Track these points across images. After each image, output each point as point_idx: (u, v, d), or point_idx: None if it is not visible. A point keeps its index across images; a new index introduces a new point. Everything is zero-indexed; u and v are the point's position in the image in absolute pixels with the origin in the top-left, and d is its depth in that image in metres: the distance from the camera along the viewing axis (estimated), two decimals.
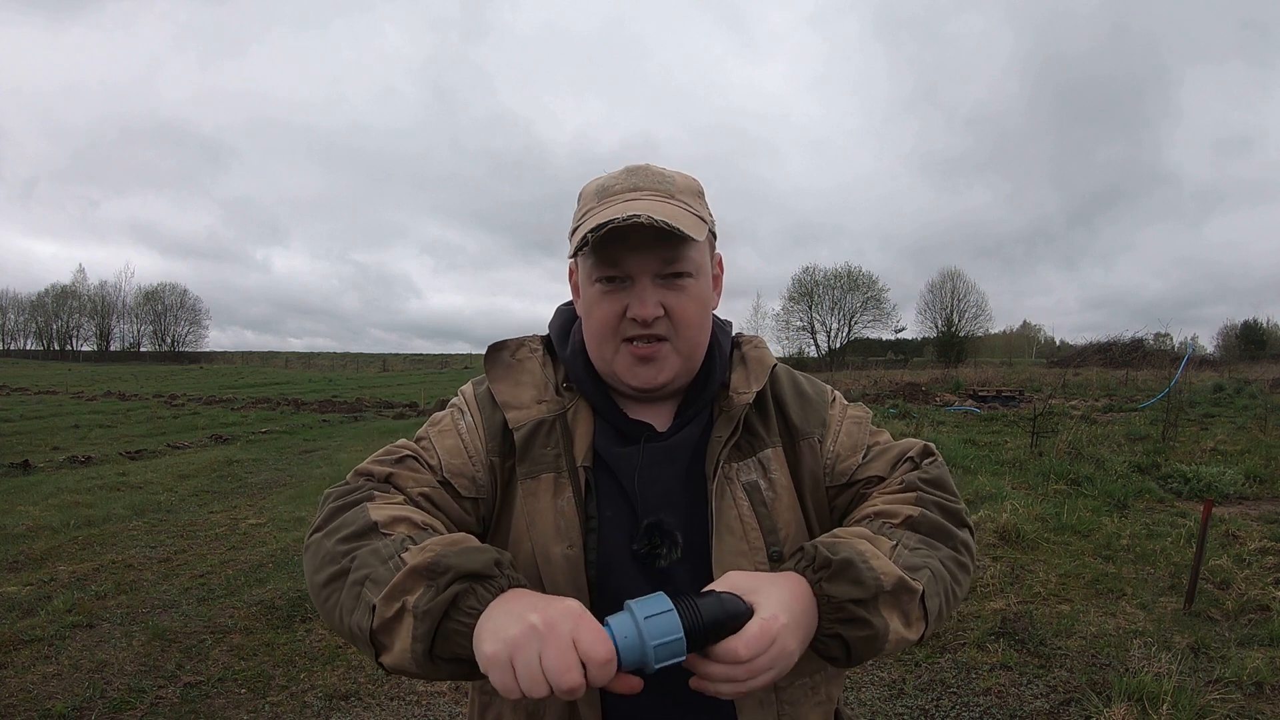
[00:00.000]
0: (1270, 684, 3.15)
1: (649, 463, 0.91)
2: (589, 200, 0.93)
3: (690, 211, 0.90)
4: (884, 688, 3.30)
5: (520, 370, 0.97)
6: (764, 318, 55.57)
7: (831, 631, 0.78)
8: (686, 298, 0.89)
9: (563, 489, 0.89)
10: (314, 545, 0.82)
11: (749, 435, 0.95)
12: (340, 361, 67.22)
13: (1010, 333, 63.98)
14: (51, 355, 73.36)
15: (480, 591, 0.71)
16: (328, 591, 0.77)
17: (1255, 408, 14.41)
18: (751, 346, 1.02)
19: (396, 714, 3.15)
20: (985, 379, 27.59)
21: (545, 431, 0.92)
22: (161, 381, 34.61)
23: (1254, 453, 8.80)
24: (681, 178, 0.94)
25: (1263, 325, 53.64)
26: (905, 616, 0.82)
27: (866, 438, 1.00)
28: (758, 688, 0.74)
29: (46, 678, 3.37)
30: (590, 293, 0.91)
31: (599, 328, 0.90)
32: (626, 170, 0.93)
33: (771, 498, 0.92)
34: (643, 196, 0.89)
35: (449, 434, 0.94)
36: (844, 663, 0.81)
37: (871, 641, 0.79)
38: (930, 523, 0.88)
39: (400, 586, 0.72)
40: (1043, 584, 4.46)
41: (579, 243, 0.85)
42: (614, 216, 0.83)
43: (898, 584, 0.81)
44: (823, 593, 0.79)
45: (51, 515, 6.59)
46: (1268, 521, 5.84)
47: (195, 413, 18.38)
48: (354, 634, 0.74)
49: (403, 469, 0.89)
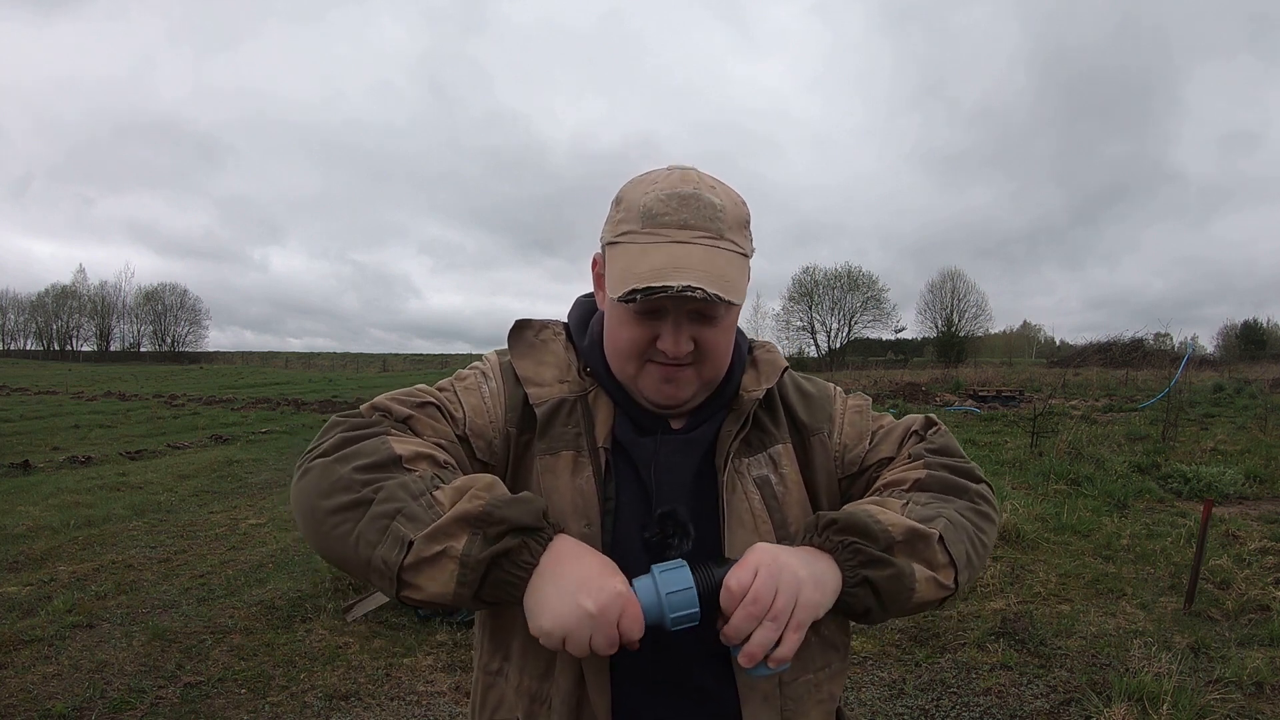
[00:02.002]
0: (1270, 684, 3.15)
1: (666, 453, 0.92)
2: (631, 218, 0.86)
3: (738, 252, 0.87)
4: (884, 688, 3.30)
5: (544, 350, 0.98)
6: (764, 318, 55.58)
7: (856, 578, 0.80)
8: (719, 332, 0.88)
9: (582, 468, 0.89)
10: (320, 468, 0.79)
11: (759, 431, 0.96)
12: (340, 361, 67.24)
13: (1010, 333, 63.98)
14: (51, 355, 73.33)
15: (532, 545, 0.76)
16: (339, 519, 0.76)
17: (1255, 408, 14.41)
18: (764, 350, 1.03)
19: (396, 714, 3.14)
20: (985, 379, 27.60)
21: (567, 410, 0.92)
22: (161, 381, 34.60)
23: (1254, 453, 8.81)
24: (732, 207, 0.88)
25: (1263, 325, 53.68)
26: (928, 563, 0.83)
27: (870, 424, 1.02)
28: (788, 634, 0.76)
29: (46, 678, 3.37)
30: (618, 311, 0.88)
31: (626, 348, 0.89)
32: (678, 197, 0.85)
33: (782, 492, 0.93)
34: (694, 240, 0.84)
35: (474, 393, 0.94)
36: (879, 613, 0.83)
37: (898, 580, 0.81)
38: (940, 480, 0.91)
39: (445, 530, 0.74)
40: (1043, 584, 4.46)
41: (625, 294, 0.82)
42: (665, 279, 0.80)
43: (909, 533, 0.82)
44: (833, 543, 0.81)
45: (51, 515, 6.59)
46: (1268, 521, 5.84)
47: (195, 413, 18.37)
48: (372, 565, 0.75)
49: (424, 414, 0.88)
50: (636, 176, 0.92)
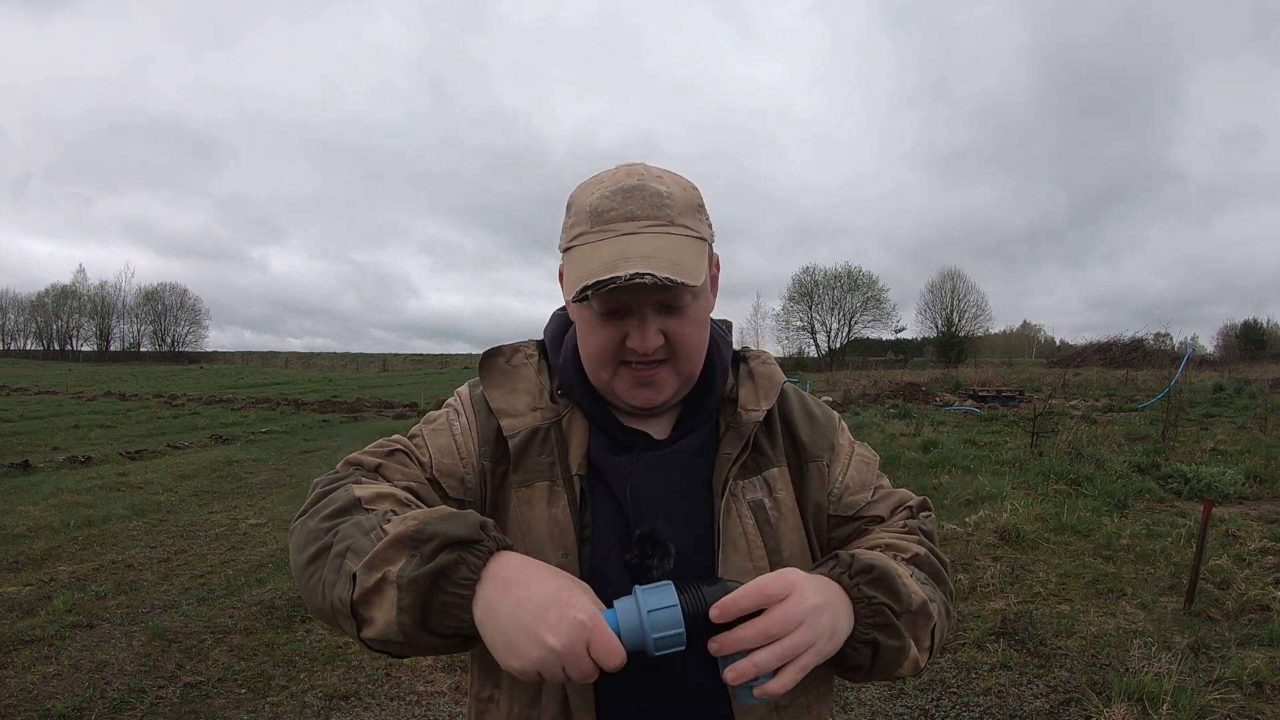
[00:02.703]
0: (1270, 684, 3.15)
1: (642, 471, 0.90)
2: (581, 221, 0.86)
3: (692, 236, 0.85)
4: (884, 688, 3.30)
5: (516, 377, 0.96)
6: (764, 318, 55.70)
7: (867, 637, 0.79)
8: (688, 323, 0.86)
9: (557, 497, 0.88)
10: (298, 528, 0.81)
11: (756, 453, 0.93)
12: (340, 361, 67.22)
13: (1010, 333, 64.04)
14: (51, 355, 73.33)
15: (470, 560, 0.71)
16: (311, 570, 0.76)
17: (1255, 408, 14.42)
18: (760, 362, 1.00)
19: (396, 714, 3.14)
20: (985, 379, 27.61)
21: (540, 439, 0.91)
22: (161, 381, 34.61)
23: (1254, 453, 8.80)
24: (680, 192, 0.88)
25: (1263, 325, 53.69)
26: (918, 642, 0.83)
27: (874, 478, 1.01)
28: (788, 670, 0.72)
29: (46, 678, 3.37)
30: (586, 315, 0.87)
31: (597, 353, 0.88)
32: (622, 190, 0.85)
33: (776, 517, 0.92)
34: (642, 229, 0.83)
35: (443, 433, 0.94)
36: (863, 674, 0.82)
37: (898, 654, 0.80)
38: (931, 565, 0.91)
39: (381, 556, 0.71)
40: (1043, 584, 4.46)
41: (578, 294, 0.81)
42: (615, 271, 0.78)
43: (921, 607, 0.82)
44: (863, 595, 0.79)
45: (51, 515, 6.59)
46: (1268, 521, 5.84)
47: (195, 413, 18.37)
48: (335, 609, 0.73)
49: (393, 462, 0.89)
50: (586, 180, 0.91)
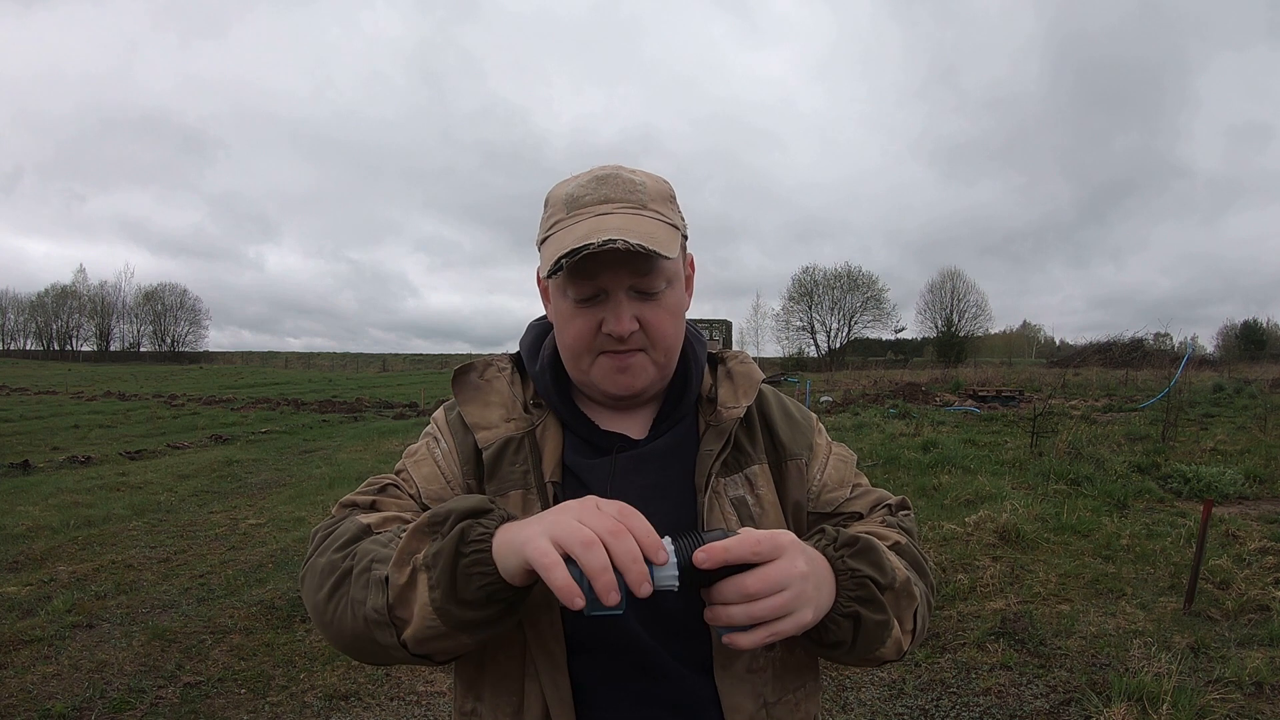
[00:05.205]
0: (1270, 684, 3.15)
1: (621, 473, 0.91)
2: (557, 210, 0.90)
3: (664, 221, 0.88)
4: (884, 688, 3.30)
5: (489, 391, 0.97)
6: (764, 317, 55.76)
7: (848, 610, 0.78)
8: (662, 310, 0.88)
9: (531, 505, 0.89)
10: (309, 569, 0.82)
11: (736, 451, 0.95)
12: (340, 361, 67.28)
13: (1010, 333, 64.10)
14: (51, 355, 73.34)
15: (484, 521, 0.73)
16: (335, 599, 0.76)
17: (1255, 408, 14.42)
18: (738, 361, 1.01)
19: (396, 714, 3.14)
20: (985, 379, 27.62)
21: (513, 449, 0.92)
22: (161, 381, 34.60)
23: (1254, 453, 8.81)
24: (653, 183, 0.92)
25: (1262, 325, 53.71)
26: (902, 622, 0.82)
27: (852, 475, 1.02)
28: (759, 631, 0.71)
29: (46, 678, 3.37)
30: (564, 307, 0.89)
31: (574, 342, 0.89)
32: (595, 178, 0.90)
33: (759, 513, 0.92)
34: (615, 210, 0.86)
35: (425, 462, 0.95)
36: (845, 650, 0.81)
37: (880, 630, 0.80)
38: (912, 555, 0.91)
39: (407, 549, 0.73)
40: (1043, 584, 4.46)
41: (552, 266, 0.82)
42: (588, 240, 0.80)
43: (904, 585, 0.82)
44: (846, 566, 0.79)
45: (51, 515, 6.59)
46: (1268, 521, 5.84)
47: (195, 413, 18.38)
48: (370, 622, 0.73)
49: (385, 496, 0.91)
50: (561, 180, 0.95)
